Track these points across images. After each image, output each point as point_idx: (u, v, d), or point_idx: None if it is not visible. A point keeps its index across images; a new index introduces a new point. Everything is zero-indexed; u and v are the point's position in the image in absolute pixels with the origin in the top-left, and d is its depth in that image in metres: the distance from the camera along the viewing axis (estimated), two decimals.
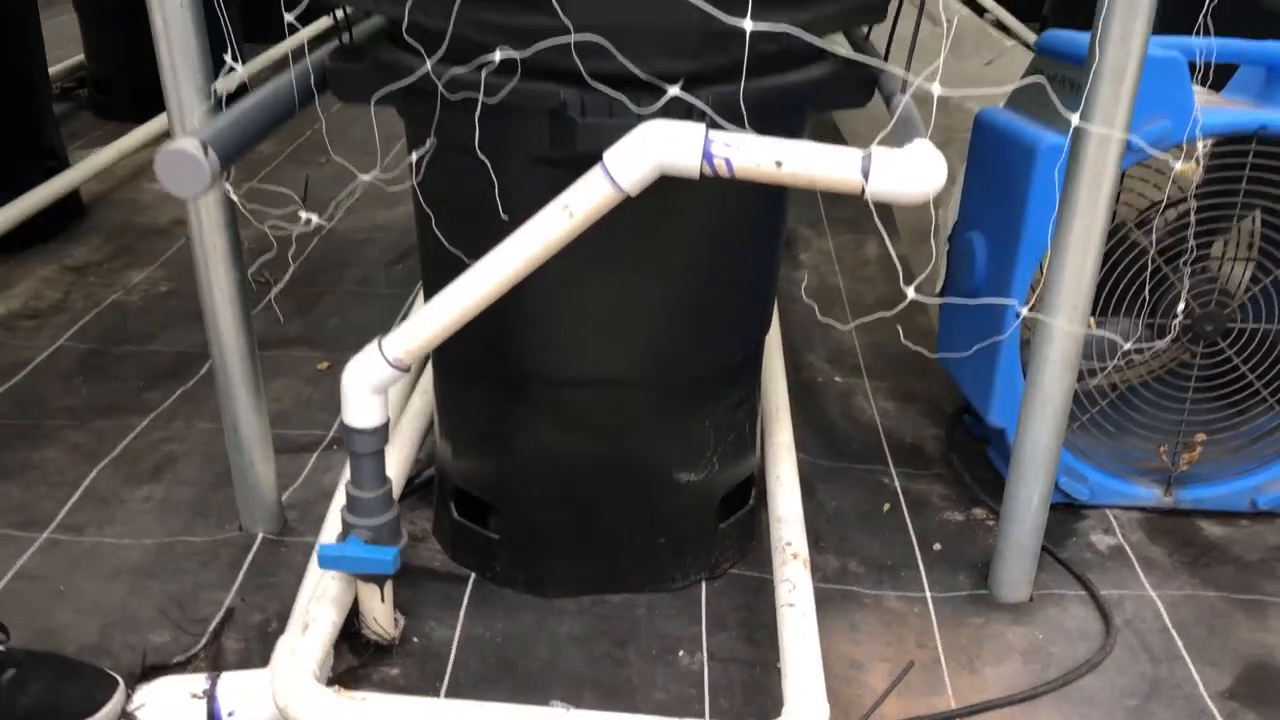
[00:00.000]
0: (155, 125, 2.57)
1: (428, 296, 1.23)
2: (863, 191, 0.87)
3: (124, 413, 1.54)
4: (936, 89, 0.87)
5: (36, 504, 1.32)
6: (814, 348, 1.81)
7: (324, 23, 1.37)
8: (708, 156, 0.88)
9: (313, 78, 1.08)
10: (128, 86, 2.90)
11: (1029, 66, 1.41)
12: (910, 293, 0.92)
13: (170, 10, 1.00)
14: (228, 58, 1.03)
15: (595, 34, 0.88)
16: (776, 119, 0.99)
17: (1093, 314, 1.14)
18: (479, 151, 0.96)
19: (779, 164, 0.88)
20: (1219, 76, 1.28)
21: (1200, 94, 1.39)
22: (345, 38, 1.09)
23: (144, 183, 2.49)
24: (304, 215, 1.05)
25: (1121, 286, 1.30)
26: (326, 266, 2.07)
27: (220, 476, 1.37)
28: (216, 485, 1.37)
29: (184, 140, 0.85)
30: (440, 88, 0.93)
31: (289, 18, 0.90)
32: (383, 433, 1.02)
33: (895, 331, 1.54)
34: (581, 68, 0.89)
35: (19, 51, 2.09)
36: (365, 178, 1.06)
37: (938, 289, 1.51)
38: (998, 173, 1.35)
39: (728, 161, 0.88)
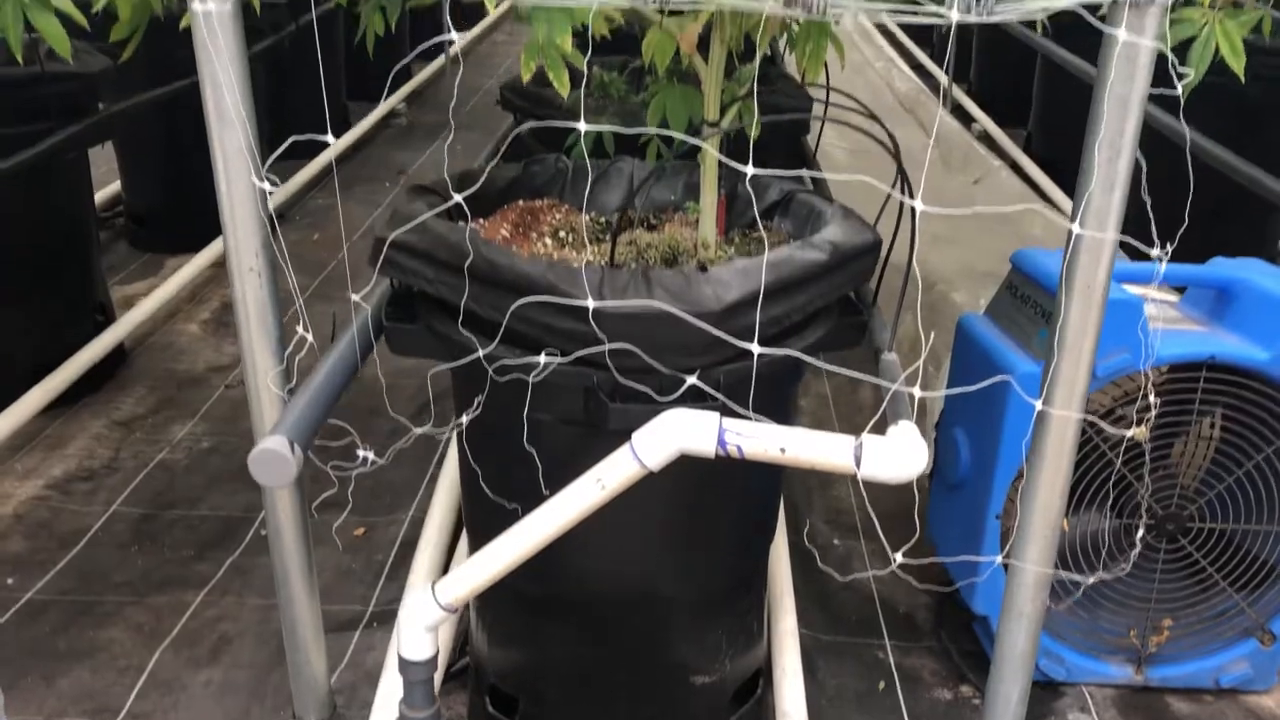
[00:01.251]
0: (193, 268, 2.73)
1: (468, 523, 1.38)
2: (855, 474, 1.02)
3: (179, 586, 1.67)
4: (918, 204, 1.00)
5: (106, 690, 1.45)
6: (814, 507, 1.95)
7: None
8: (722, 443, 1.02)
9: (370, 328, 1.24)
10: (164, 220, 3.06)
11: (1005, 280, 1.57)
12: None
13: (251, 298, 1.15)
14: (299, 328, 1.18)
15: (625, 340, 1.03)
16: (781, 374, 1.14)
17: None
18: (521, 414, 1.11)
19: (783, 450, 1.02)
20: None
21: (1157, 301, 1.54)
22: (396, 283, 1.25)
23: (179, 324, 2.64)
24: (361, 453, 1.19)
25: (1087, 483, 1.44)
26: (355, 415, 2.20)
27: (273, 658, 1.50)
28: (270, 667, 1.50)
29: (272, 440, 1.00)
30: (490, 372, 1.08)
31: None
32: (433, 663, 1.15)
33: (891, 487, 1.67)
34: (612, 367, 1.04)
35: (72, 214, 2.25)
36: (418, 431, 1.21)
37: (927, 471, 1.65)
38: (977, 382, 1.49)
39: (739, 447, 1.02)
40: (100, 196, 3.23)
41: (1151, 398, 1.18)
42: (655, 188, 1.49)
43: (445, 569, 1.64)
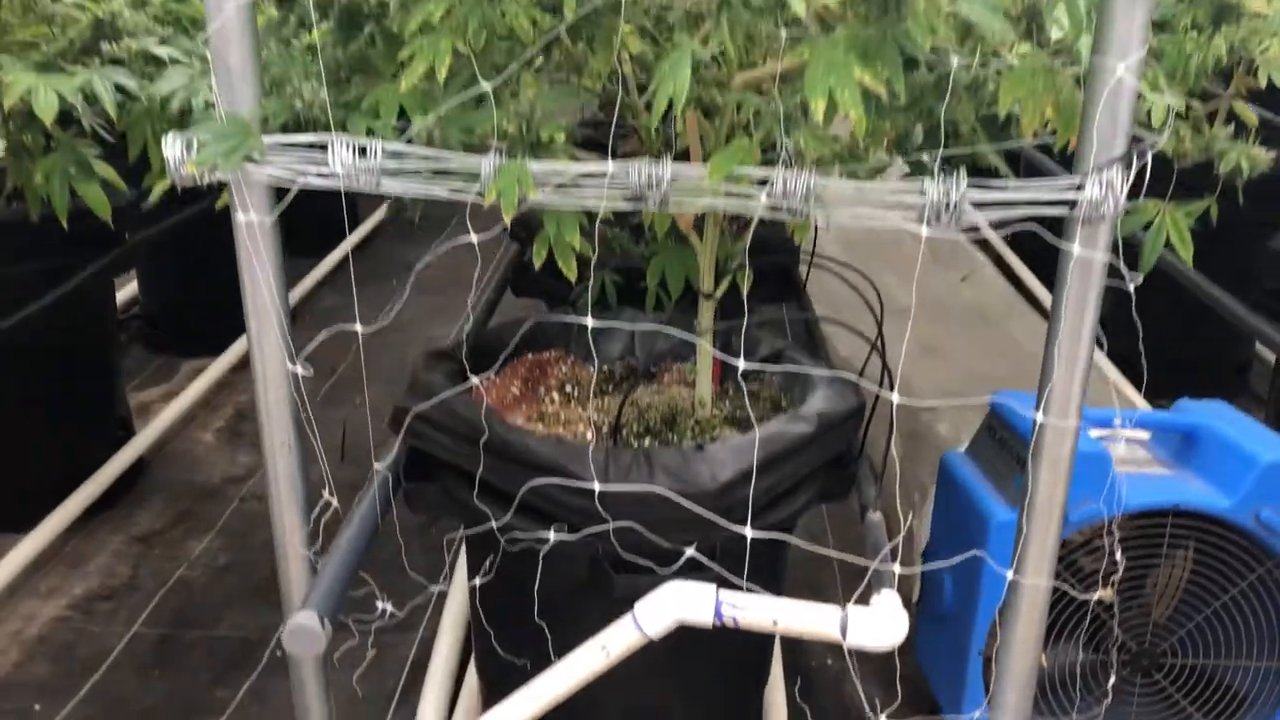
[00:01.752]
0: (208, 378, 2.83)
1: (478, 665, 1.45)
2: (842, 643, 1.10)
3: (198, 713, 1.74)
4: (895, 398, 1.09)
5: None
6: None
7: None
8: (718, 614, 1.11)
9: (390, 485, 1.33)
10: (179, 322, 3.17)
11: (985, 420, 1.66)
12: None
13: (283, 470, 1.24)
14: (325, 493, 1.27)
15: (629, 516, 1.12)
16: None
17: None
18: (530, 576, 1.19)
19: (775, 621, 1.11)
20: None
21: (1128, 440, 1.64)
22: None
23: (195, 432, 2.73)
24: (381, 605, 1.27)
25: (1065, 619, 1.52)
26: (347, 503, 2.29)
27: None
28: None
29: (304, 615, 1.08)
30: (502, 542, 1.17)
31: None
32: None
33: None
34: (616, 543, 1.13)
35: (96, 334, 2.35)
36: (434, 588, 1.29)
37: (914, 598, 1.73)
38: (960, 523, 1.58)
39: (735, 619, 1.11)
40: (117, 297, 3.35)
41: (1118, 555, 1.27)
42: (653, 337, 1.60)
43: (454, 697, 1.71)
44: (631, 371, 1.53)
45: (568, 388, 1.46)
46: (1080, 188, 1.04)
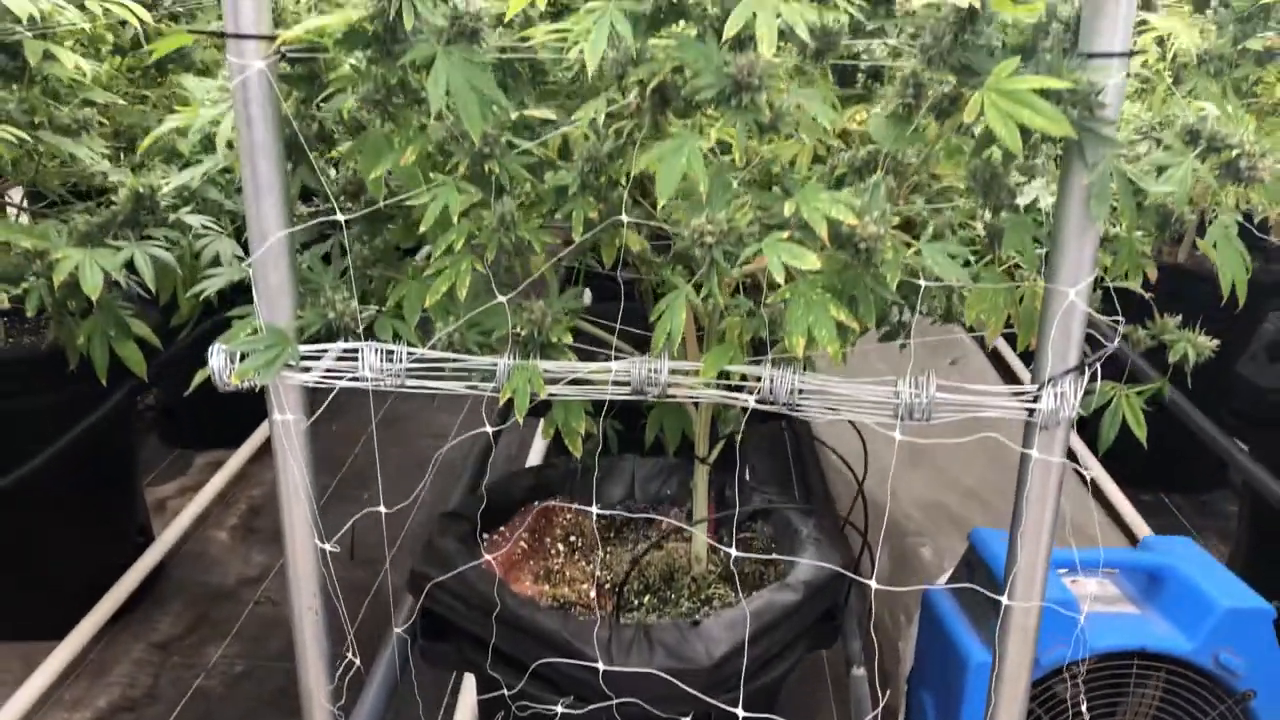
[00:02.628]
0: (224, 475, 2.94)
1: None
2: None
3: None
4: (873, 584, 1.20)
5: None
6: None
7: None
8: None
9: (409, 644, 1.43)
10: (194, 416, 3.27)
11: (964, 556, 1.77)
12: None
13: (309, 631, 1.35)
14: (349, 653, 1.37)
15: (630, 691, 1.22)
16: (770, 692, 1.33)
17: None
18: None
19: None
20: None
21: (1099, 576, 1.74)
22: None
23: (210, 530, 2.83)
24: None
25: None
26: (364, 637, 2.38)
27: None
28: None
29: None
30: (514, 708, 1.27)
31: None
32: None
33: None
34: (620, 717, 1.23)
35: (119, 446, 2.46)
36: None
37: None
38: (940, 657, 1.68)
39: None
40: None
41: (1084, 709, 1.37)
42: (652, 481, 1.70)
43: None
44: (632, 519, 1.63)
45: (572, 538, 1.56)
46: (1037, 399, 1.15)
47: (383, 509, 1.27)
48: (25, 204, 2.03)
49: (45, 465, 2.12)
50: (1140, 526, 2.72)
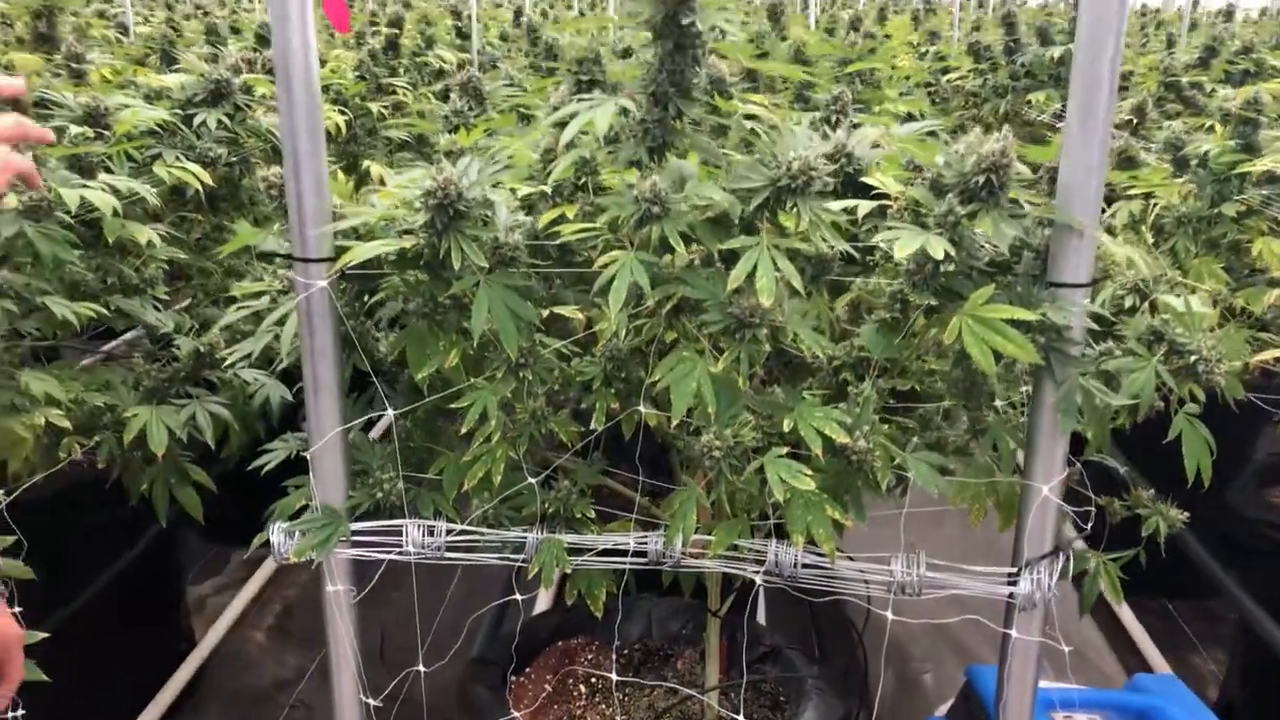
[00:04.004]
0: (263, 573, 3.07)
1: None
2: None
3: None
4: None
5: None
6: None
7: None
8: None
9: None
10: (232, 513, 3.42)
11: (961, 690, 1.87)
12: None
13: None
14: None
15: None
16: None
17: None
18: None
19: None
20: None
21: (1090, 714, 1.83)
22: None
23: (246, 630, 2.96)
24: None
25: None
26: None
27: None
28: None
29: None
30: None
31: None
32: None
33: None
34: None
35: (166, 562, 2.60)
36: None
37: None
38: None
39: None
40: None
41: None
42: (669, 620, 1.82)
43: None
44: (650, 656, 1.75)
45: (593, 679, 1.68)
46: (1015, 582, 1.27)
47: (422, 667, 1.40)
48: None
49: (106, 581, 2.26)
50: (1143, 640, 2.80)
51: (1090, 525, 1.34)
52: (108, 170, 1.88)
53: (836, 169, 1.27)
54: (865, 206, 1.24)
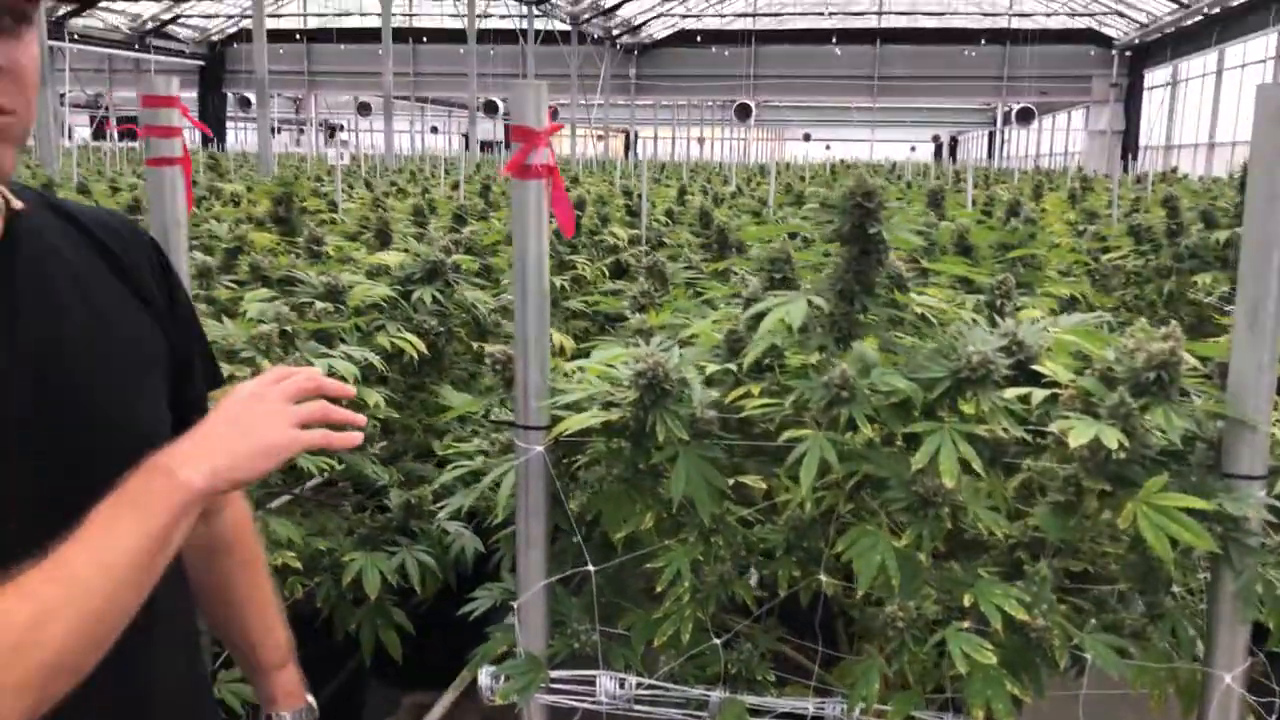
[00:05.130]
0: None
1: None
2: None
3: None
4: None
5: None
6: None
7: None
8: None
9: None
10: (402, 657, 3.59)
11: None
12: None
13: None
14: None
15: None
16: None
17: None
18: None
19: None
20: None
21: None
22: None
23: None
24: None
25: None
26: None
27: None
28: None
29: None
30: None
31: None
32: None
33: None
34: None
35: (356, 686, 2.75)
36: None
37: None
38: None
39: None
40: None
41: None
42: None
43: None
44: None
45: None
46: None
47: None
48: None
49: None
50: None
51: (1274, 718, 1.33)
52: (341, 340, 2.15)
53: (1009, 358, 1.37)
54: (1039, 395, 1.33)
